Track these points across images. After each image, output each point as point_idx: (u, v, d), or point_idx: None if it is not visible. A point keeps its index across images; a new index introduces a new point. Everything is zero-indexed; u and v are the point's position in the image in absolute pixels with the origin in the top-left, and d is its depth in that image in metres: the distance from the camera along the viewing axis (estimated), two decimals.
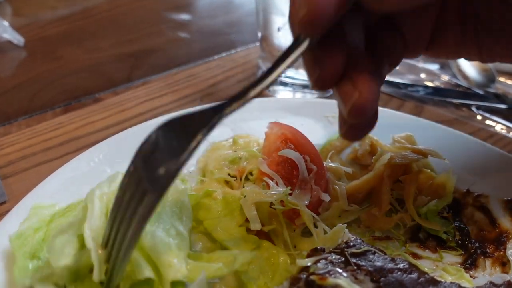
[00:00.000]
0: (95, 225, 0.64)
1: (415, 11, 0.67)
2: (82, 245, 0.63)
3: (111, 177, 0.76)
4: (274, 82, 0.63)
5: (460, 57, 0.74)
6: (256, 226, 0.75)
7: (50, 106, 1.20)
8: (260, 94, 0.57)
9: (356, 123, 0.61)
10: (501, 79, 1.47)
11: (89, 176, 0.85)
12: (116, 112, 1.18)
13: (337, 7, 0.52)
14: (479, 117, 1.28)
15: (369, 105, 0.58)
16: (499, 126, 1.25)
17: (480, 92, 1.37)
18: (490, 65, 1.45)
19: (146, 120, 1.04)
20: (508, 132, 1.22)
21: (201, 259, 0.69)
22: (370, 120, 0.62)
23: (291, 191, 0.80)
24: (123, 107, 1.20)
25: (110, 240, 0.61)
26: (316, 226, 0.78)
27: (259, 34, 1.24)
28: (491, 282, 0.65)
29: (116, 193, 0.61)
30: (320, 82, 0.60)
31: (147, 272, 0.60)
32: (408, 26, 0.67)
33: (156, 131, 0.56)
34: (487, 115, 1.29)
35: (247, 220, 0.78)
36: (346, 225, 0.76)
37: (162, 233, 0.65)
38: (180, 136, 0.54)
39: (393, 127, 1.01)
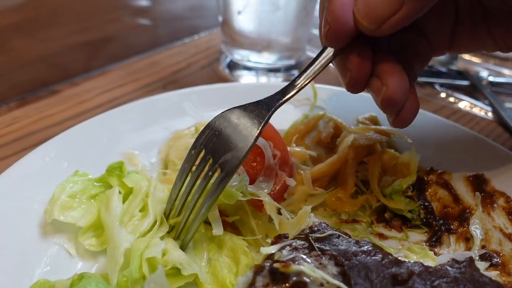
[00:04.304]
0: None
1: (429, 17, 0.72)
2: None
3: None
4: (301, 89, 0.72)
5: (480, 49, 0.80)
6: (217, 232, 0.73)
7: (3, 100, 1.14)
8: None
9: (391, 113, 0.71)
10: (464, 56, 1.49)
11: (45, 172, 0.81)
12: (74, 104, 1.14)
13: (354, 28, 0.64)
14: (442, 95, 1.29)
15: (398, 97, 0.67)
16: (462, 103, 1.26)
17: (443, 69, 1.38)
18: None
19: (105, 111, 1.00)
20: (471, 108, 1.24)
21: None
22: (407, 108, 0.69)
23: (253, 179, 0.79)
24: (82, 98, 1.16)
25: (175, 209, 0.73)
26: (280, 213, 0.77)
27: (220, 18, 1.21)
28: (453, 259, 0.65)
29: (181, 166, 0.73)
30: (352, 84, 0.70)
31: None
32: (430, 29, 0.76)
33: (217, 119, 0.70)
34: (450, 92, 1.30)
35: None
36: (310, 207, 0.75)
37: None
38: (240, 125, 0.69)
39: (357, 109, 1.01)
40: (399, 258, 0.64)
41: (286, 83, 0.74)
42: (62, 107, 1.12)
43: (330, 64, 0.71)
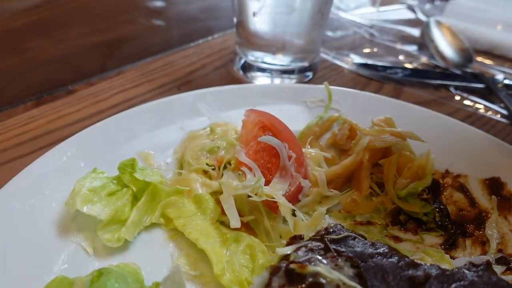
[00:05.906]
0: None
1: None
2: None
3: None
4: None
5: None
6: (235, 224, 0.74)
7: (20, 99, 1.16)
8: None
9: None
10: (479, 58, 1.48)
11: (62, 171, 0.82)
12: (90, 104, 1.15)
13: None
14: (457, 97, 1.28)
15: None
16: (477, 105, 1.25)
17: (458, 72, 1.37)
18: (467, 45, 1.45)
19: (121, 111, 1.01)
20: (486, 111, 1.23)
21: None
22: None
23: (268, 180, 0.79)
24: (97, 98, 1.17)
25: None
26: (294, 215, 0.77)
27: (235, 20, 1.21)
28: (470, 263, 0.65)
29: None
30: None
31: None
32: None
33: None
34: (465, 95, 1.29)
35: (223, 212, 0.77)
36: (325, 208, 0.75)
37: None
38: None
39: (372, 110, 1.01)
40: (415, 260, 0.64)
41: (299, 84, 0.74)
42: (78, 106, 1.14)
43: (345, 66, 0.71)
